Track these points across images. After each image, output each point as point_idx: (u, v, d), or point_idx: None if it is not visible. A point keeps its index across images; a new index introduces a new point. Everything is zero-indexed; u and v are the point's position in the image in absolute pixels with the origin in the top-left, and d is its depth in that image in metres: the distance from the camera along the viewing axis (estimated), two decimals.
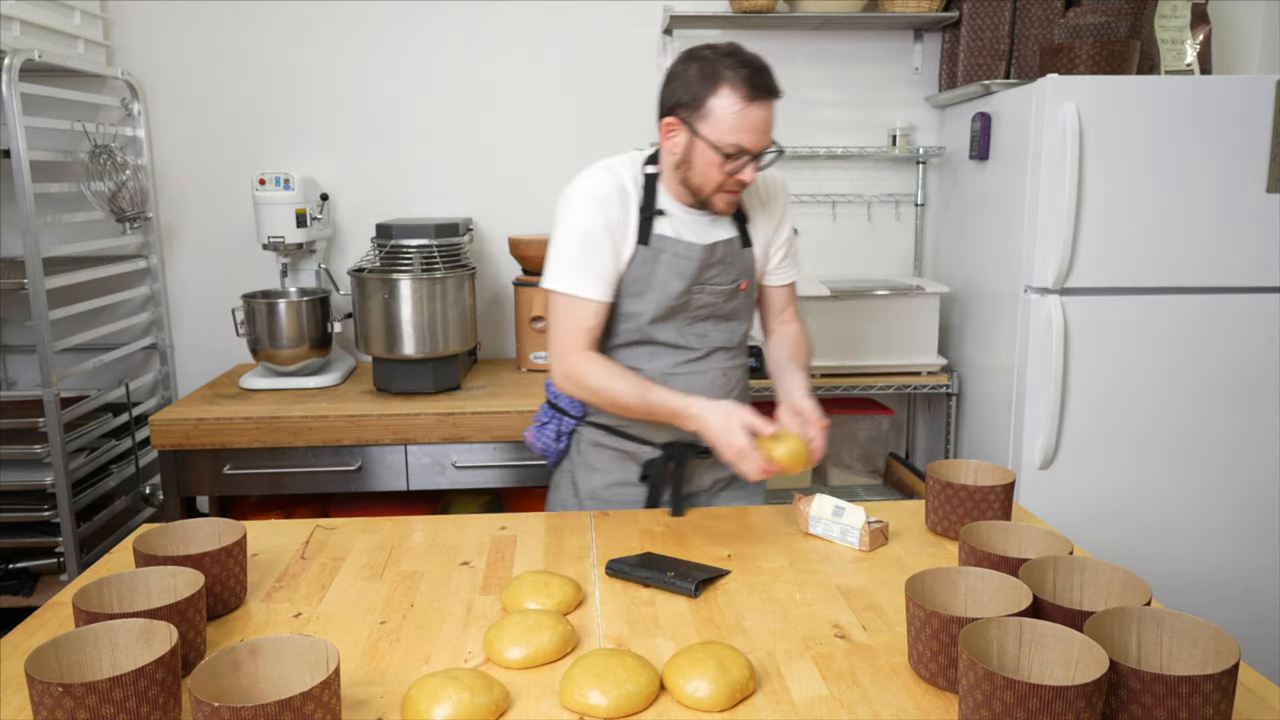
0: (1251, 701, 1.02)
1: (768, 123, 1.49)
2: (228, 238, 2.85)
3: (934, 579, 1.12)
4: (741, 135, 1.47)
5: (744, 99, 1.45)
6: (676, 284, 1.60)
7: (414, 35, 2.80)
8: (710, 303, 1.64)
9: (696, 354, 1.65)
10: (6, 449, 2.31)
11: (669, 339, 1.64)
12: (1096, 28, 2.48)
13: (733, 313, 1.68)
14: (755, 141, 1.49)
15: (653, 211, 1.59)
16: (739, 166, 1.50)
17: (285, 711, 0.86)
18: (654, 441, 1.68)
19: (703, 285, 1.62)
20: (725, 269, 1.63)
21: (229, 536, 1.28)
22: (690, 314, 1.64)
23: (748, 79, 1.45)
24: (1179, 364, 2.38)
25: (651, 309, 1.61)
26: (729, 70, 1.46)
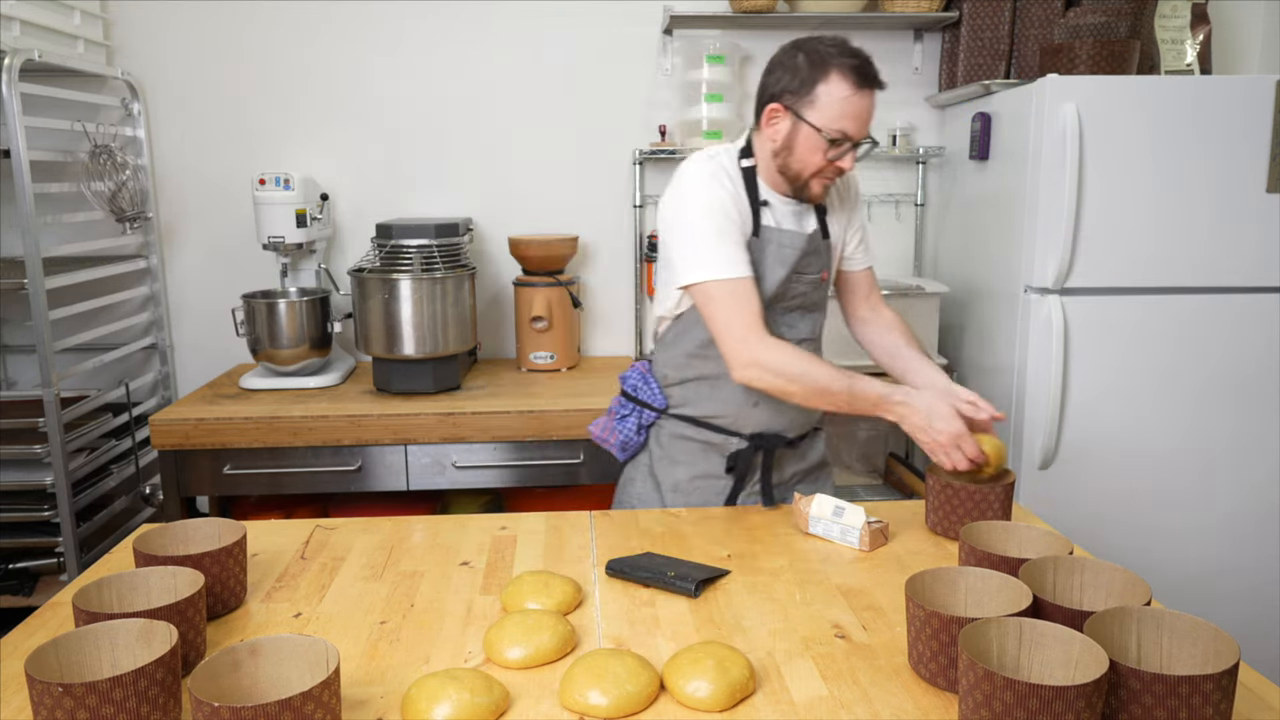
0: (1251, 701, 1.02)
1: (870, 112, 1.55)
2: (228, 238, 2.85)
3: (934, 579, 1.12)
4: (847, 122, 1.52)
5: (853, 86, 1.51)
6: (779, 272, 1.63)
7: (414, 35, 2.81)
8: (802, 292, 1.68)
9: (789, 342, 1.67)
10: (6, 449, 2.31)
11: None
12: (1096, 28, 2.48)
13: (816, 303, 1.72)
14: (858, 129, 1.54)
15: (758, 203, 1.63)
16: (841, 153, 1.55)
17: (285, 711, 0.86)
18: (741, 432, 1.69)
19: (799, 275, 1.65)
20: (814, 259, 1.67)
21: (229, 536, 1.28)
22: (784, 304, 1.67)
23: (856, 68, 1.51)
24: (1179, 364, 2.38)
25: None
26: (839, 59, 1.51)
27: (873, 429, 2.93)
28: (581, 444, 2.39)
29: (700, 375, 1.69)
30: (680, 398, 1.72)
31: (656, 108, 2.88)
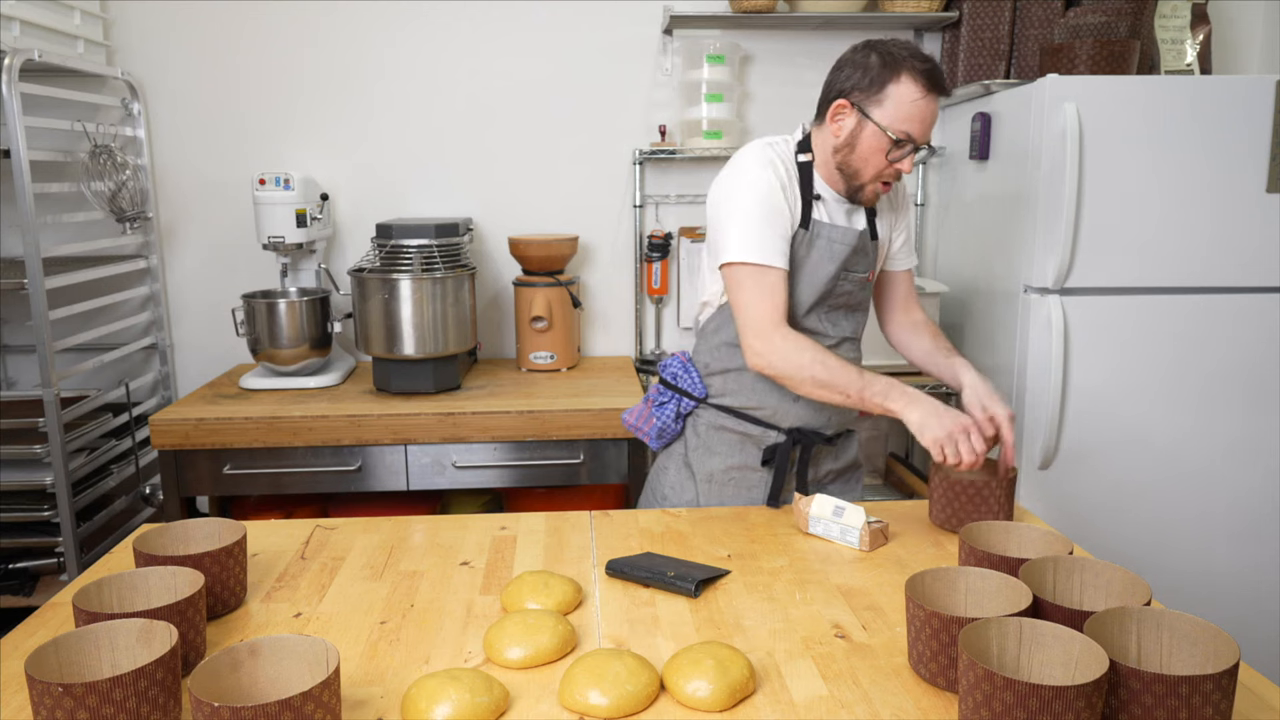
0: (1251, 701, 1.02)
1: (934, 118, 1.55)
2: (228, 238, 2.85)
3: (934, 579, 1.12)
4: (913, 124, 1.53)
5: (923, 89, 1.51)
6: (828, 268, 1.63)
7: (414, 35, 2.81)
8: (849, 291, 1.69)
9: (830, 342, 1.68)
10: (6, 449, 2.31)
11: (811, 325, 1.67)
12: (1096, 28, 2.48)
13: (861, 303, 1.73)
14: (922, 133, 1.54)
15: (811, 195, 1.63)
16: (903, 155, 1.55)
17: (285, 711, 0.86)
18: (780, 426, 1.70)
19: (847, 273, 1.66)
20: (862, 259, 1.68)
21: (229, 536, 1.28)
22: (831, 302, 1.68)
23: (927, 72, 1.51)
24: (1179, 364, 2.38)
25: (804, 293, 1.64)
26: (911, 61, 1.52)
27: (873, 429, 2.93)
28: (581, 444, 2.39)
29: (741, 366, 1.68)
30: (720, 387, 1.72)
31: (656, 108, 2.88)
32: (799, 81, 2.90)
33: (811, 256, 1.63)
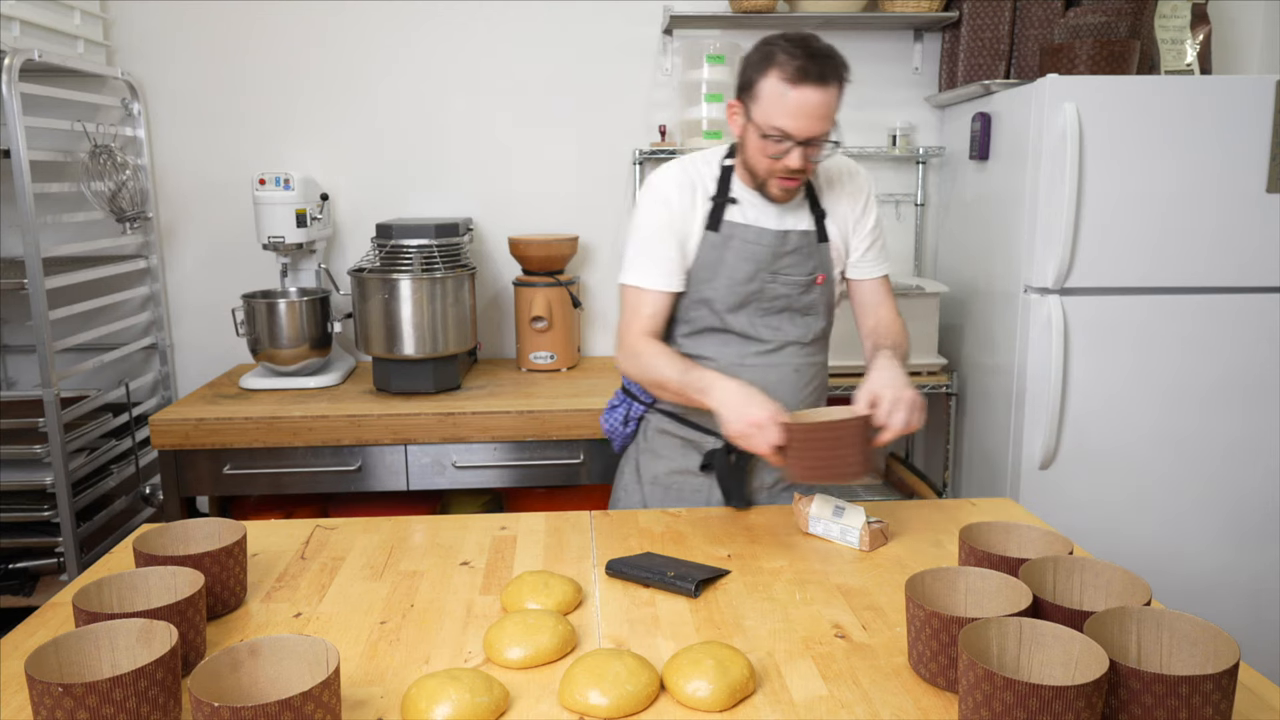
0: (1251, 701, 1.02)
1: (817, 109, 1.48)
2: (228, 238, 2.85)
3: (934, 579, 1.12)
4: (783, 119, 1.48)
5: (788, 82, 1.46)
6: (746, 268, 1.61)
7: (414, 35, 2.81)
8: (784, 294, 1.65)
9: (768, 346, 1.66)
10: (6, 449, 2.31)
11: (741, 328, 1.65)
12: (1096, 28, 2.48)
13: (809, 307, 1.68)
14: (799, 127, 1.48)
15: (724, 199, 1.63)
16: (782, 151, 1.51)
17: (285, 711, 0.86)
18: (719, 432, 1.65)
19: (775, 275, 1.63)
20: (800, 260, 1.64)
21: (229, 536, 1.28)
22: (764, 304, 1.65)
23: (796, 64, 1.46)
24: (1178, 363, 2.38)
25: (722, 295, 1.63)
26: (781, 53, 1.47)
27: None
28: (581, 444, 2.39)
29: None
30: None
31: (656, 108, 2.88)
32: None
33: (726, 258, 1.62)
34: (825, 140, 1.52)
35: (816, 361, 1.73)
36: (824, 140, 1.52)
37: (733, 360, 1.65)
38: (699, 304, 1.65)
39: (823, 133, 1.50)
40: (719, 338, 1.66)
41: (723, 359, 1.65)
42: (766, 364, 1.66)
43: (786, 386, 1.67)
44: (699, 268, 1.63)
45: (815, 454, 1.41)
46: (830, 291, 1.71)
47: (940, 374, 2.73)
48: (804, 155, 1.51)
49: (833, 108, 1.49)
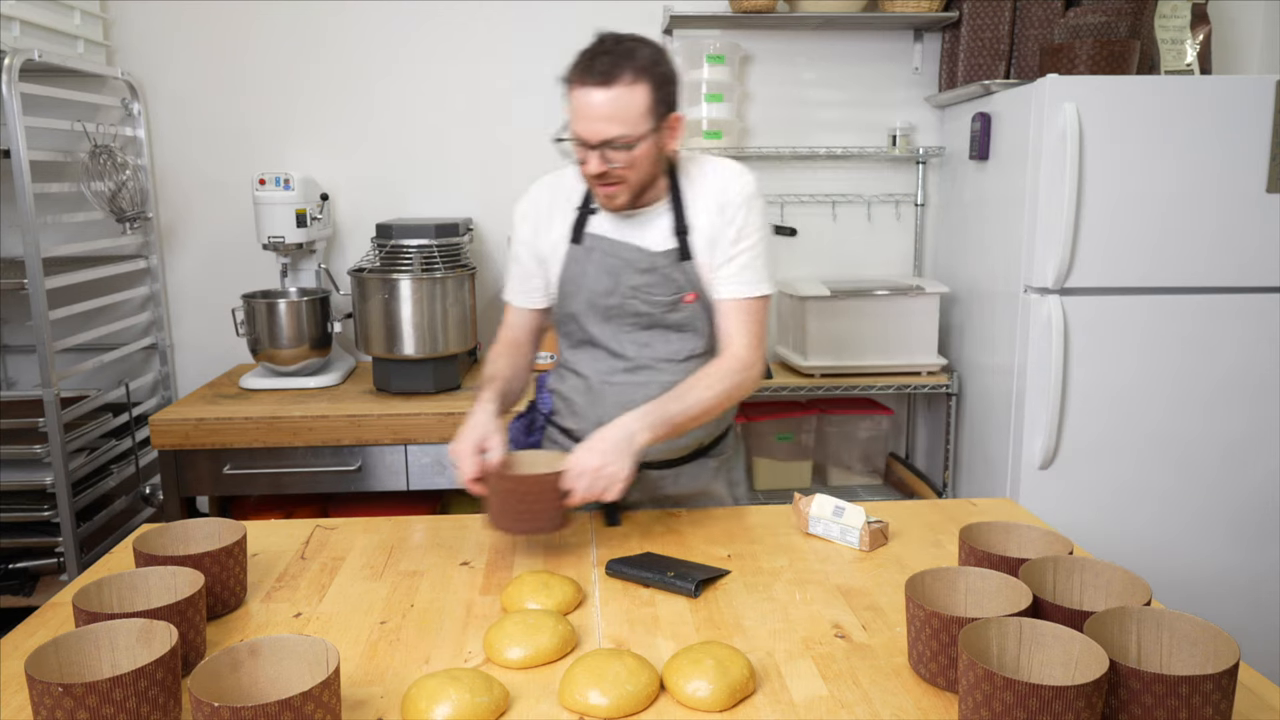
0: (1251, 701, 1.02)
1: (601, 110, 1.39)
2: (228, 238, 2.85)
3: (934, 579, 1.12)
4: (576, 123, 1.43)
5: (575, 84, 1.42)
6: (605, 282, 1.56)
7: (414, 35, 2.80)
8: (646, 312, 1.56)
9: (633, 363, 1.59)
10: (6, 449, 2.31)
11: (607, 343, 1.59)
12: (1096, 28, 2.48)
13: (681, 325, 1.57)
14: (585, 130, 1.41)
15: (587, 210, 1.59)
16: (583, 156, 1.45)
17: (285, 711, 0.86)
18: None
19: (635, 291, 1.55)
20: (662, 280, 1.54)
21: (229, 536, 1.28)
22: (629, 320, 1.57)
23: (581, 64, 1.41)
24: (1179, 363, 2.38)
25: (584, 309, 1.58)
26: (577, 57, 1.43)
27: (873, 429, 2.93)
28: None
29: (559, 389, 1.69)
30: (556, 405, 1.71)
31: None
32: (799, 81, 2.90)
33: (589, 270, 1.57)
34: (626, 144, 1.41)
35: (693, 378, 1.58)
36: (624, 144, 1.41)
37: (601, 376, 1.60)
38: (568, 318, 1.62)
39: (618, 136, 1.40)
40: (590, 352, 1.62)
41: (593, 374, 1.61)
42: (634, 381, 1.58)
43: None
44: (565, 280, 1.59)
45: (503, 503, 1.38)
46: (708, 309, 1.58)
47: (940, 374, 2.74)
48: (601, 160, 1.43)
49: (625, 107, 1.39)
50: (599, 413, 1.57)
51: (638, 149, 1.43)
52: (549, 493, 1.36)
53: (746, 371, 1.53)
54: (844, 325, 2.68)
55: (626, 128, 1.41)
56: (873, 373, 2.70)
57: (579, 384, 1.64)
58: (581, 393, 1.63)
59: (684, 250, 1.55)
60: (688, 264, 1.55)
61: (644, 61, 1.42)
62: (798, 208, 2.95)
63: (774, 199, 2.94)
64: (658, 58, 1.45)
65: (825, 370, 2.68)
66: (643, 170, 1.47)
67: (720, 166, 1.59)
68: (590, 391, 1.62)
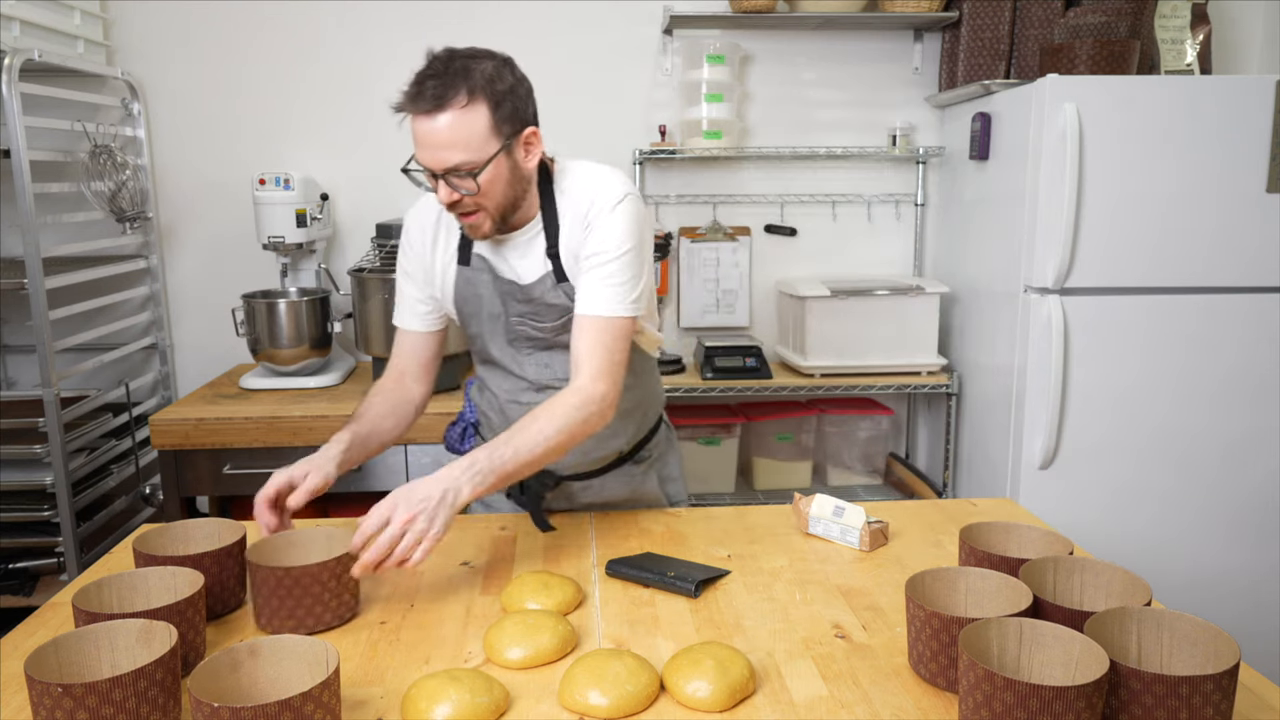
0: (1251, 701, 1.02)
1: (436, 137, 1.32)
2: (228, 238, 2.85)
3: (934, 579, 1.12)
4: (419, 152, 1.36)
5: (405, 110, 1.36)
6: (496, 304, 1.51)
7: (414, 35, 2.80)
8: (540, 336, 1.51)
9: (536, 384, 1.54)
10: (6, 449, 2.31)
11: (509, 366, 1.55)
12: (1096, 28, 2.48)
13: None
14: (426, 158, 1.34)
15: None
16: (434, 186, 1.38)
17: (285, 712, 0.85)
18: None
19: (522, 319, 1.50)
20: (544, 308, 1.48)
21: (229, 536, 1.28)
22: (526, 343, 1.53)
23: (410, 91, 1.34)
24: (1179, 364, 2.38)
25: (485, 330, 1.54)
26: (409, 82, 1.35)
27: (873, 429, 2.93)
28: None
29: (479, 405, 1.68)
30: (480, 415, 1.70)
31: (656, 108, 2.88)
32: (799, 81, 2.90)
33: (481, 293, 1.51)
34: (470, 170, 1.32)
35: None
36: (469, 170, 1.32)
37: (508, 395, 1.57)
38: (472, 338, 1.58)
39: (460, 163, 1.32)
40: (498, 372, 1.58)
41: (501, 393, 1.58)
42: (535, 401, 1.45)
43: None
44: (460, 302, 1.54)
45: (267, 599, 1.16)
46: None
47: (940, 374, 2.74)
48: (449, 189, 1.35)
49: (463, 132, 1.31)
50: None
51: (485, 173, 1.33)
52: (322, 583, 1.17)
53: (590, 406, 1.36)
54: (844, 325, 2.68)
55: (469, 153, 1.32)
56: (873, 373, 2.70)
57: (492, 400, 1.62)
58: (495, 410, 1.62)
59: (559, 273, 1.46)
60: (565, 285, 1.46)
61: (479, 79, 1.31)
62: (798, 208, 2.95)
63: (774, 199, 2.94)
64: (496, 73, 1.34)
65: (825, 370, 2.68)
66: (498, 195, 1.37)
67: (590, 174, 1.49)
68: (502, 410, 1.59)
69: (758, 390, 2.71)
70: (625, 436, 1.61)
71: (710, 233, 2.91)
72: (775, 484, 2.88)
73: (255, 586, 1.17)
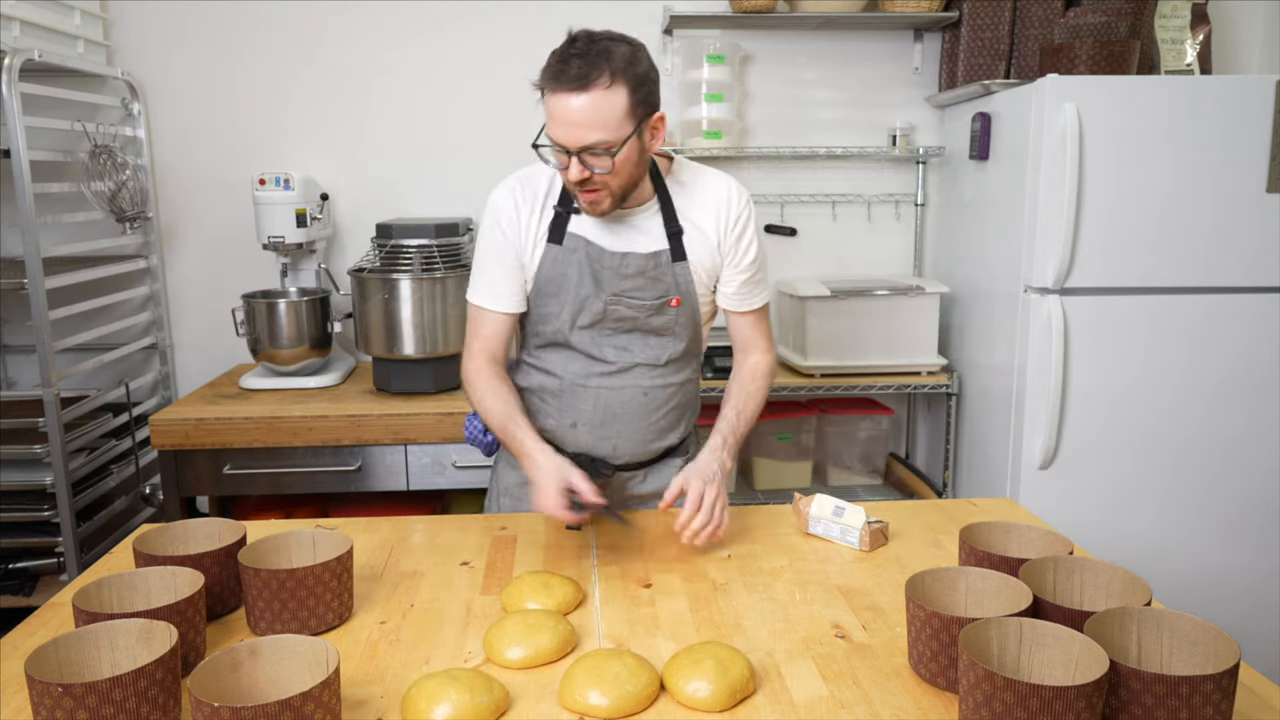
0: (1251, 701, 1.02)
1: (576, 116, 1.34)
2: (228, 238, 2.85)
3: (934, 579, 1.12)
4: (553, 128, 1.37)
5: (550, 90, 1.36)
6: (588, 286, 1.51)
7: (414, 35, 2.80)
8: (630, 316, 1.53)
9: (612, 367, 1.55)
10: (6, 449, 2.31)
11: (585, 347, 1.55)
12: (1096, 28, 2.48)
13: (662, 329, 1.55)
14: (563, 135, 1.36)
15: (569, 209, 1.52)
16: (564, 163, 1.40)
17: (285, 711, 0.85)
18: (564, 449, 1.56)
19: (619, 297, 1.51)
20: (649, 283, 1.52)
21: (229, 536, 1.28)
22: (610, 324, 1.54)
23: (553, 68, 1.35)
24: (1178, 364, 2.38)
25: (568, 311, 1.53)
26: (553, 55, 1.37)
27: (873, 429, 2.93)
28: None
29: (527, 387, 1.63)
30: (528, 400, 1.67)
31: None
32: (799, 81, 2.90)
33: (569, 274, 1.51)
34: (607, 149, 1.36)
35: (673, 383, 1.60)
36: (605, 149, 1.36)
37: (576, 378, 1.57)
38: (544, 318, 1.56)
39: (598, 141, 1.35)
40: (564, 353, 1.57)
41: (567, 375, 1.57)
42: (610, 385, 1.56)
43: (633, 409, 1.57)
44: (543, 282, 1.54)
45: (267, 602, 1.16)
46: (691, 312, 1.57)
47: (940, 374, 2.74)
48: (582, 166, 1.37)
49: (604, 112, 1.33)
50: (573, 413, 1.58)
51: (620, 154, 1.37)
52: (323, 583, 1.18)
53: (773, 374, 1.68)
54: (844, 325, 2.68)
55: (606, 133, 1.35)
56: (873, 373, 2.70)
57: (550, 382, 1.59)
58: (553, 391, 1.59)
59: (676, 251, 1.53)
60: (680, 265, 1.53)
61: (620, 62, 1.35)
62: (798, 208, 2.95)
63: (774, 199, 2.94)
64: (635, 56, 1.38)
65: (825, 370, 2.68)
66: (626, 175, 1.42)
67: (718, 176, 1.59)
68: (564, 391, 1.58)
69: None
70: (679, 430, 1.67)
71: None
72: (775, 484, 2.88)
73: (246, 590, 1.17)
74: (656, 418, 1.60)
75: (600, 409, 1.56)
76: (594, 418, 1.57)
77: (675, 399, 1.62)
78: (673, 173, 1.57)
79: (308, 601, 1.17)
